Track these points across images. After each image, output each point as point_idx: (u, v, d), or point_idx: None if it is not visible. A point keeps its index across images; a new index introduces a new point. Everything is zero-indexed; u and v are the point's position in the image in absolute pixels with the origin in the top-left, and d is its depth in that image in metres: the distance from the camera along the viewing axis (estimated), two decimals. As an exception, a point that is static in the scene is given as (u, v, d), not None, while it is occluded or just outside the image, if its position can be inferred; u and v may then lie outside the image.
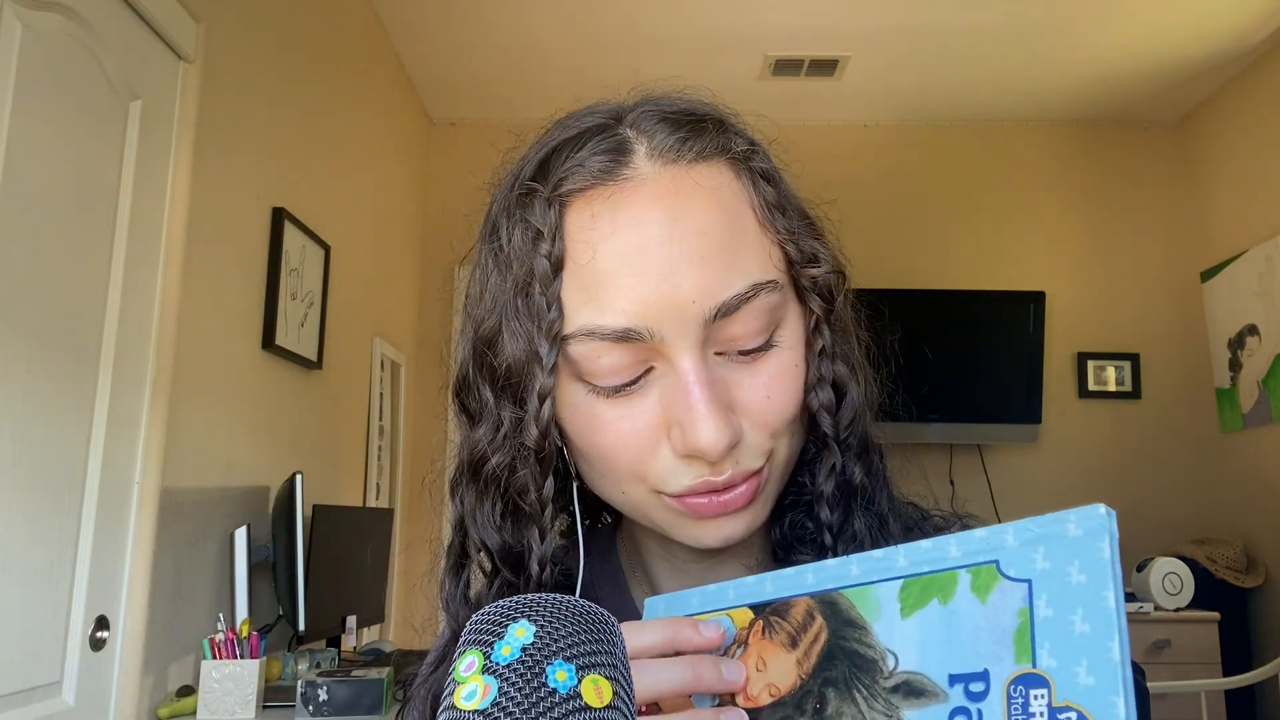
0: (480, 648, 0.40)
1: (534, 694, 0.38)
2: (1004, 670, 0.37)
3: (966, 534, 0.40)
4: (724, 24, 3.19)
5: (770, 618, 0.45)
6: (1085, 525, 0.37)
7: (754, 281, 0.48)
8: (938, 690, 0.39)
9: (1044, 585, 0.37)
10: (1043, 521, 0.37)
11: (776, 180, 0.53)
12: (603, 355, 0.48)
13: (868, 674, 0.41)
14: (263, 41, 2.26)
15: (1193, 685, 2.26)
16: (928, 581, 0.40)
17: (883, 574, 0.42)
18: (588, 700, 0.38)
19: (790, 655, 0.44)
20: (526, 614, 0.41)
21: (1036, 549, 0.37)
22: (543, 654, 0.39)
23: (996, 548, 0.38)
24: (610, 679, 0.39)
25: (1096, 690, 0.35)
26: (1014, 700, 0.36)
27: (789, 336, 0.50)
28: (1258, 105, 3.40)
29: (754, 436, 0.49)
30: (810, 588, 0.44)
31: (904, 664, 0.40)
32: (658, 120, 0.51)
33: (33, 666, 1.46)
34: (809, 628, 0.44)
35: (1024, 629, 0.37)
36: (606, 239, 0.48)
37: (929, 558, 0.40)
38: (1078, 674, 0.35)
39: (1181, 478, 3.64)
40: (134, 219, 1.70)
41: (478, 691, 0.38)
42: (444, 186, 3.90)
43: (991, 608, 0.38)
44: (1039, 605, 0.37)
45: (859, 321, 0.57)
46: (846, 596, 0.43)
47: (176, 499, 1.84)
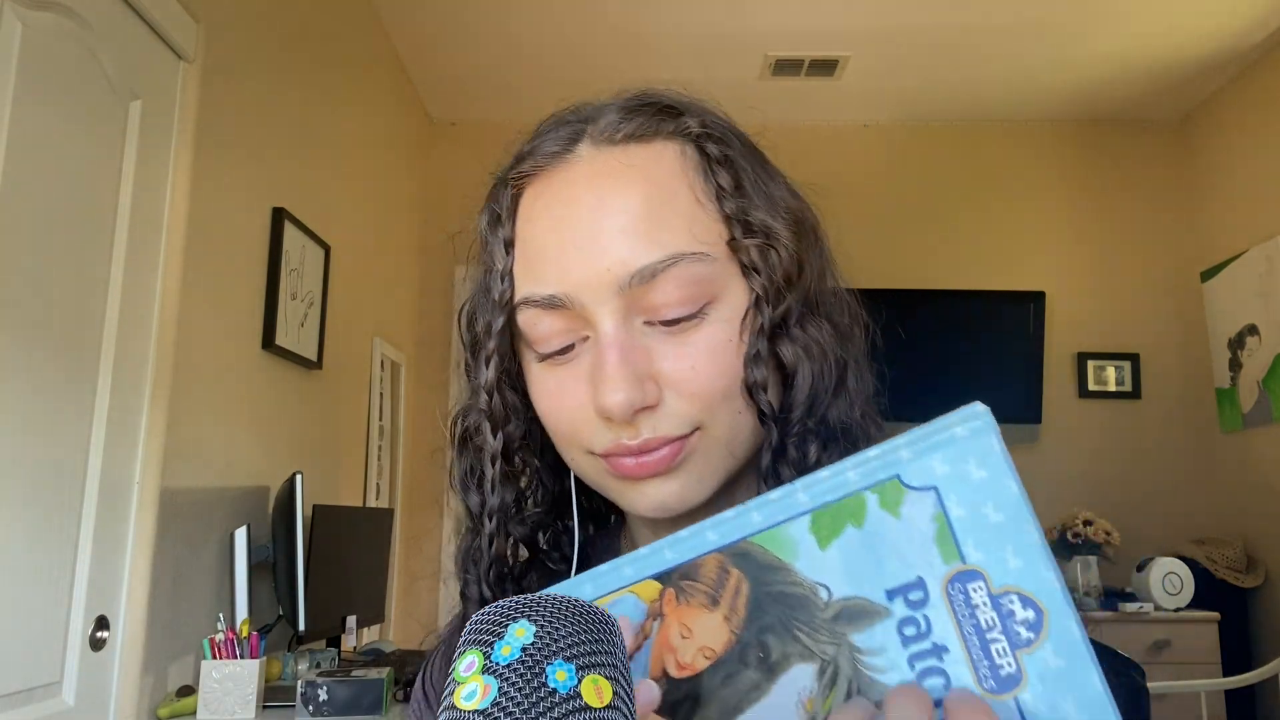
0: (480, 648, 0.40)
1: (534, 694, 0.38)
2: (937, 574, 0.38)
3: (860, 456, 0.40)
4: (724, 24, 3.19)
5: (680, 583, 0.44)
6: (970, 425, 0.38)
7: (674, 251, 0.50)
8: (879, 608, 0.39)
9: (950, 487, 0.38)
10: (929, 430, 0.39)
11: (736, 164, 0.54)
12: (538, 322, 0.52)
13: (804, 611, 0.41)
14: (263, 41, 2.26)
15: (1193, 685, 2.26)
16: (836, 510, 0.41)
17: (787, 513, 0.42)
18: (588, 700, 0.38)
19: (715, 614, 0.44)
20: (526, 614, 0.41)
21: (932, 457, 0.39)
22: (543, 654, 0.39)
23: (894, 464, 0.39)
24: (610, 679, 0.39)
25: (1027, 570, 0.37)
26: (955, 598, 0.38)
27: (725, 311, 0.51)
28: (1258, 105, 3.40)
29: (677, 405, 0.50)
30: (714, 545, 0.43)
31: (837, 593, 0.41)
32: (612, 109, 0.55)
33: (33, 666, 1.46)
34: (726, 583, 0.43)
35: (943, 532, 0.38)
36: (543, 215, 0.53)
37: (830, 487, 0.41)
38: (1006, 560, 0.37)
39: (1181, 478, 3.64)
40: (134, 219, 1.70)
41: (478, 691, 0.38)
42: (444, 186, 3.90)
43: (906, 520, 0.39)
44: (951, 506, 0.38)
45: (851, 313, 0.58)
46: (757, 544, 0.43)
47: (176, 499, 1.84)
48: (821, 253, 0.57)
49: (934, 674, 0.38)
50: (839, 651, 0.40)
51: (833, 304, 0.57)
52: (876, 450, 0.40)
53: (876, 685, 0.39)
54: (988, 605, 0.37)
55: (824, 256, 0.57)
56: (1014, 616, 0.37)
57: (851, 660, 0.40)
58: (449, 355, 3.81)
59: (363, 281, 3.04)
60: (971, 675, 0.37)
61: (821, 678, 0.41)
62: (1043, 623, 0.36)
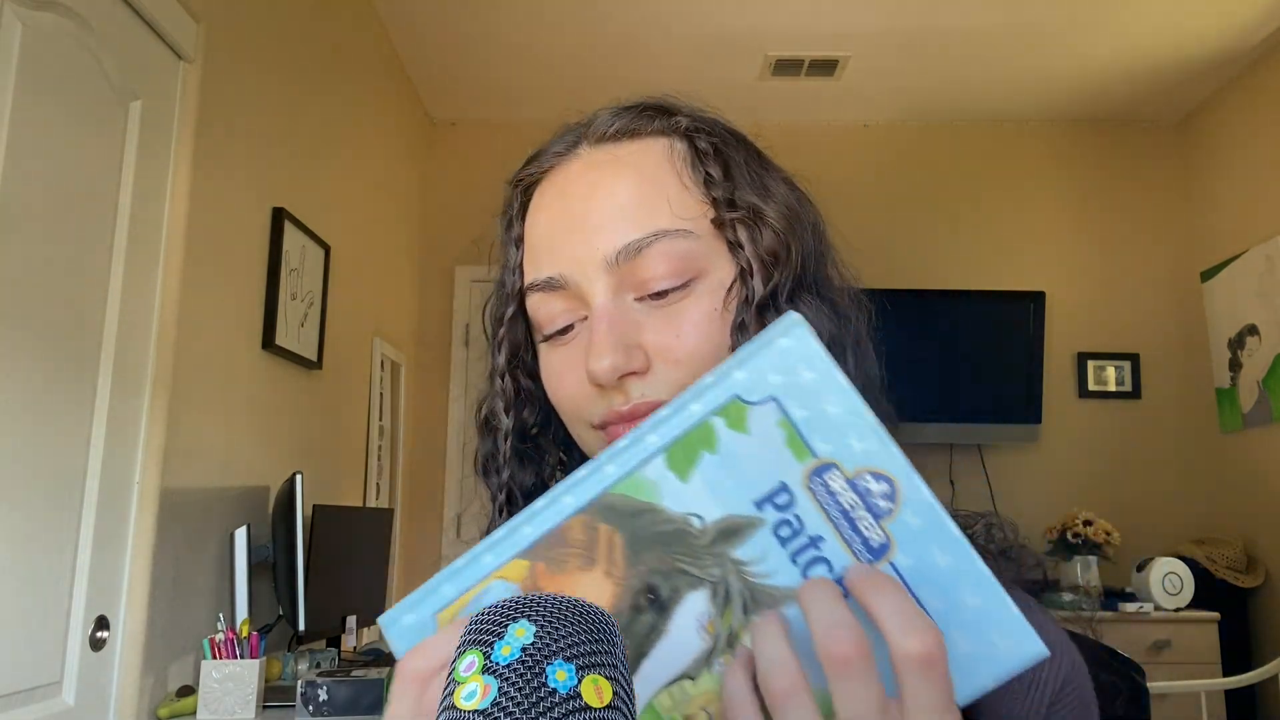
0: (480, 648, 0.40)
1: (534, 694, 0.38)
2: (795, 474, 0.41)
3: (697, 386, 0.43)
4: (724, 24, 3.19)
5: (549, 554, 0.44)
6: (790, 335, 0.42)
7: (656, 229, 0.54)
8: (751, 520, 0.42)
9: (787, 394, 0.41)
10: (754, 348, 0.42)
11: (727, 155, 0.58)
12: (541, 306, 0.57)
13: (681, 543, 0.43)
14: (263, 41, 2.26)
15: (1193, 685, 2.26)
16: (687, 441, 0.42)
17: (641, 457, 0.43)
18: (588, 700, 0.38)
19: (594, 572, 0.44)
20: (526, 614, 0.41)
21: (765, 370, 0.42)
22: (543, 654, 0.39)
23: (731, 386, 0.42)
24: (610, 679, 0.39)
25: (871, 449, 0.41)
26: (816, 491, 0.41)
27: (711, 285, 0.54)
28: (1258, 105, 3.40)
29: (665, 371, 0.53)
30: (574, 508, 0.44)
31: (710, 518, 0.42)
32: (607, 111, 0.60)
33: (33, 666, 1.46)
34: (597, 540, 0.44)
35: (791, 435, 0.41)
36: (544, 209, 0.58)
37: (676, 422, 0.43)
38: (851, 445, 0.41)
39: (1181, 478, 3.64)
40: (134, 219, 1.70)
41: (478, 691, 0.38)
42: (444, 186, 3.90)
43: (755, 434, 0.42)
44: (792, 410, 0.41)
45: (852, 298, 0.60)
46: (618, 493, 0.44)
47: (176, 499, 1.84)
48: (820, 241, 0.60)
49: (817, 563, 0.41)
50: (725, 570, 0.42)
51: (832, 290, 0.59)
52: (711, 378, 0.42)
53: (768, 590, 0.42)
54: (846, 489, 0.41)
55: (823, 245, 0.60)
56: (871, 493, 0.40)
57: (739, 575, 0.42)
58: (449, 355, 3.81)
59: (363, 281, 3.04)
60: (849, 554, 0.41)
61: (715, 599, 0.42)
62: (896, 492, 0.40)
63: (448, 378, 3.80)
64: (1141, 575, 3.24)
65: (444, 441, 3.73)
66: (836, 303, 0.58)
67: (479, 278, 3.86)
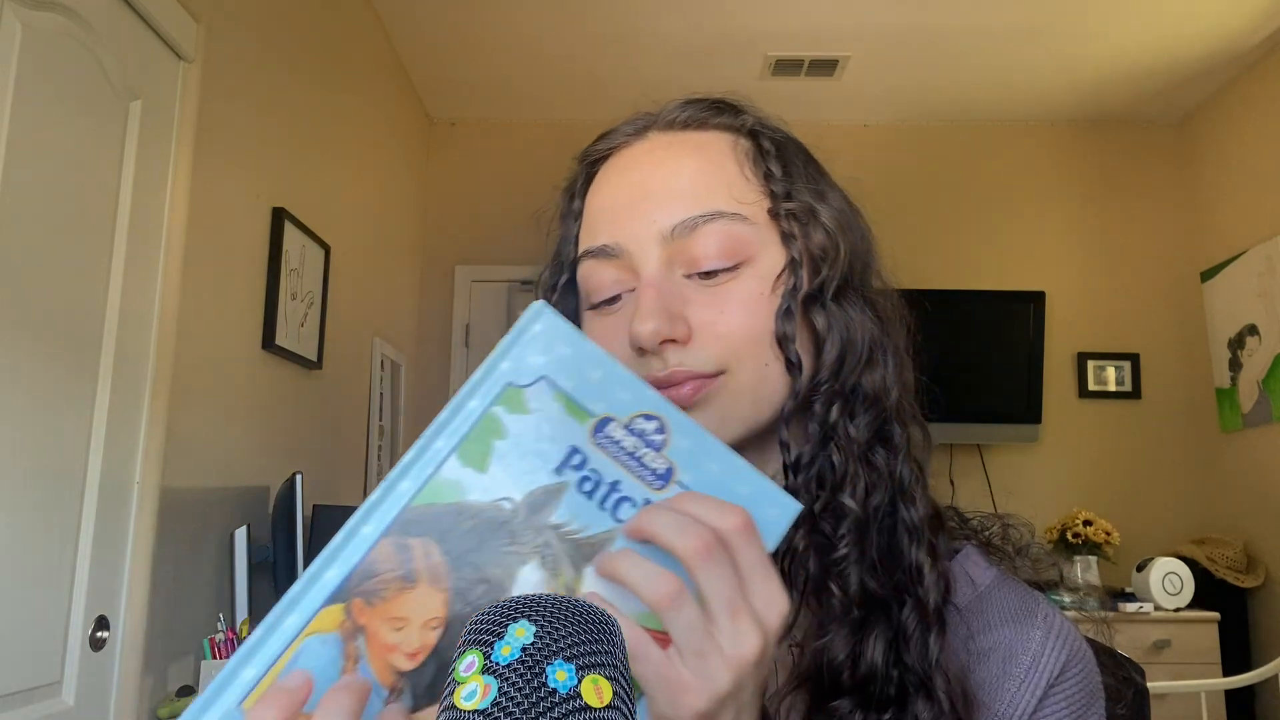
0: (480, 648, 0.40)
1: (534, 694, 0.38)
2: (580, 435, 0.46)
3: (469, 384, 0.47)
4: (724, 24, 3.19)
5: (361, 588, 0.44)
6: (540, 321, 0.47)
7: (714, 209, 0.56)
8: (556, 486, 0.46)
9: (553, 370, 0.46)
10: (511, 340, 0.47)
11: (789, 158, 0.60)
12: (593, 274, 0.58)
13: (499, 529, 0.45)
14: (263, 41, 2.26)
15: (1193, 685, 2.26)
16: (475, 436, 0.46)
17: (434, 464, 0.45)
18: (588, 700, 0.38)
19: (418, 587, 0.44)
20: (526, 614, 0.41)
21: (527, 356, 0.47)
22: (543, 654, 0.39)
23: (501, 376, 0.47)
24: (610, 679, 0.39)
25: (634, 397, 0.46)
26: (603, 444, 0.46)
27: (759, 270, 0.56)
28: (1258, 105, 3.40)
29: (705, 344, 0.55)
30: (376, 535, 0.44)
31: (518, 497, 0.46)
32: (679, 102, 0.62)
33: (33, 666, 1.46)
34: (411, 556, 0.44)
35: (568, 403, 0.46)
36: (606, 184, 0.61)
37: (460, 422, 0.46)
38: (619, 396, 0.46)
39: (1181, 478, 3.64)
40: (134, 219, 1.70)
41: (478, 691, 0.38)
42: (444, 186, 3.89)
43: (535, 411, 0.46)
44: (562, 383, 0.46)
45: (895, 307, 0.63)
46: (419, 505, 0.45)
47: (176, 499, 1.84)
48: (868, 249, 0.63)
49: (622, 503, 0.46)
50: (546, 538, 0.45)
51: (876, 297, 0.62)
52: (480, 374, 0.47)
53: (589, 541, 0.45)
54: (626, 435, 0.46)
55: (870, 253, 0.63)
56: (646, 432, 0.46)
57: (560, 537, 0.45)
58: (449, 355, 3.81)
59: (363, 281, 3.04)
60: (644, 487, 0.46)
61: (546, 565, 0.45)
62: (665, 425, 0.46)
63: (448, 378, 3.80)
64: (1141, 575, 3.24)
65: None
66: (879, 308, 0.61)
67: (479, 278, 3.87)
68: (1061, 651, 0.57)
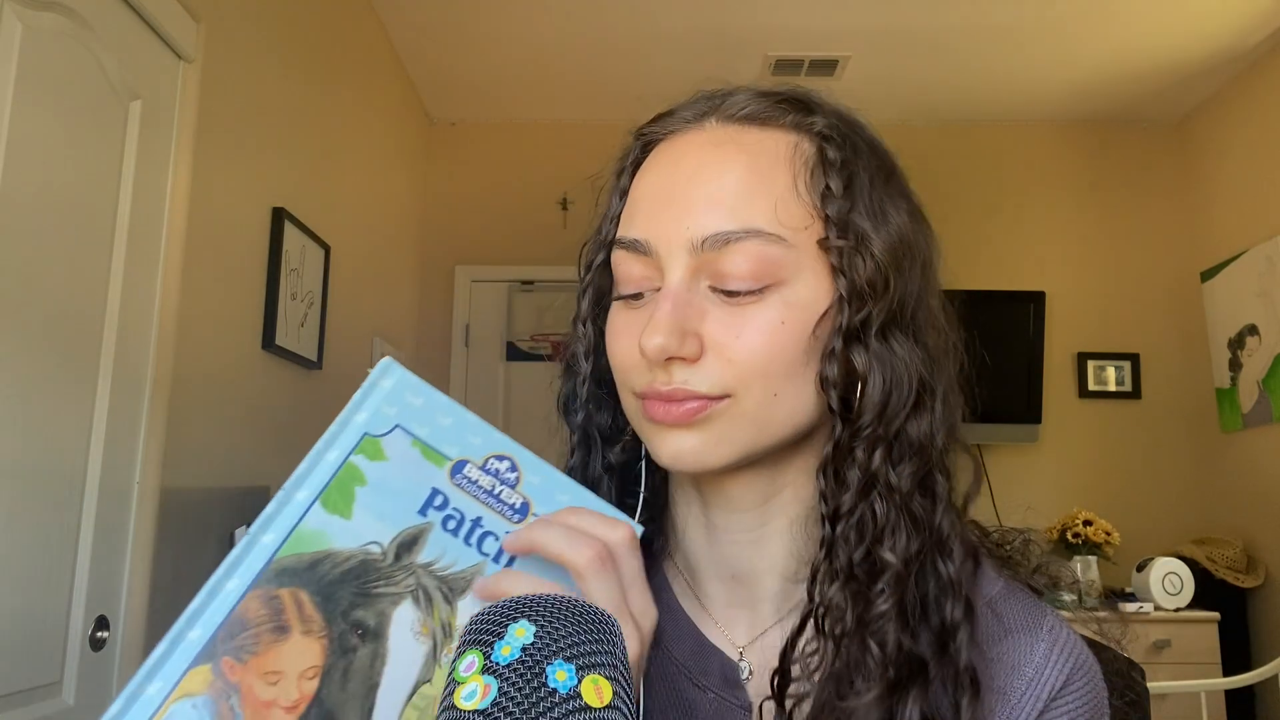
0: (480, 648, 0.40)
1: (534, 694, 0.38)
2: (440, 478, 0.49)
3: (327, 435, 0.49)
4: (724, 24, 3.19)
5: (230, 645, 0.44)
6: (389, 375, 0.50)
7: (751, 226, 0.52)
8: (421, 526, 0.48)
9: (406, 420, 0.49)
10: (363, 394, 0.50)
11: (854, 171, 0.56)
12: (622, 264, 0.57)
13: (369, 572, 0.47)
14: (263, 41, 2.26)
15: (1193, 685, 2.26)
16: (337, 485, 0.47)
17: (297, 515, 0.47)
18: (588, 700, 0.38)
19: (291, 637, 0.45)
20: (526, 614, 0.41)
21: (380, 408, 0.49)
22: (543, 654, 0.39)
23: (358, 428, 0.49)
24: (610, 679, 0.39)
25: (486, 440, 0.50)
26: (461, 484, 0.49)
27: (787, 296, 0.53)
28: (1258, 105, 3.40)
29: (713, 366, 0.53)
30: (242, 589, 0.45)
31: (386, 540, 0.47)
32: (747, 91, 0.58)
33: (33, 666, 1.46)
34: (282, 607, 0.45)
35: (425, 449, 0.49)
36: (653, 171, 0.57)
37: (321, 473, 0.48)
38: (471, 442, 0.50)
39: (1181, 478, 3.64)
40: (134, 219, 1.70)
41: (478, 691, 0.38)
42: (444, 186, 3.89)
43: (394, 459, 0.49)
44: (416, 430, 0.49)
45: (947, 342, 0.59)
46: (286, 556, 0.46)
47: (176, 499, 1.84)
48: (927, 279, 0.59)
49: (486, 538, 0.49)
50: (418, 577, 0.47)
51: (928, 329, 0.58)
52: (335, 427, 0.49)
53: (459, 576, 0.48)
54: (482, 474, 0.49)
55: (928, 284, 0.59)
56: (500, 471, 0.49)
57: (430, 575, 0.48)
58: (449, 355, 3.81)
59: (363, 281, 3.04)
60: (505, 522, 0.49)
61: (419, 604, 0.47)
62: (515, 463, 0.50)
63: (448, 378, 3.79)
64: (1141, 575, 3.24)
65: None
66: (931, 346, 0.57)
67: (479, 278, 3.87)
68: (1065, 665, 0.56)
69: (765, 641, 0.59)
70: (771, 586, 0.59)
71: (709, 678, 0.58)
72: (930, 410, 0.56)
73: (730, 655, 0.59)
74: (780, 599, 0.59)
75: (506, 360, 3.83)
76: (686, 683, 0.58)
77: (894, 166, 0.61)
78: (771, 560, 0.59)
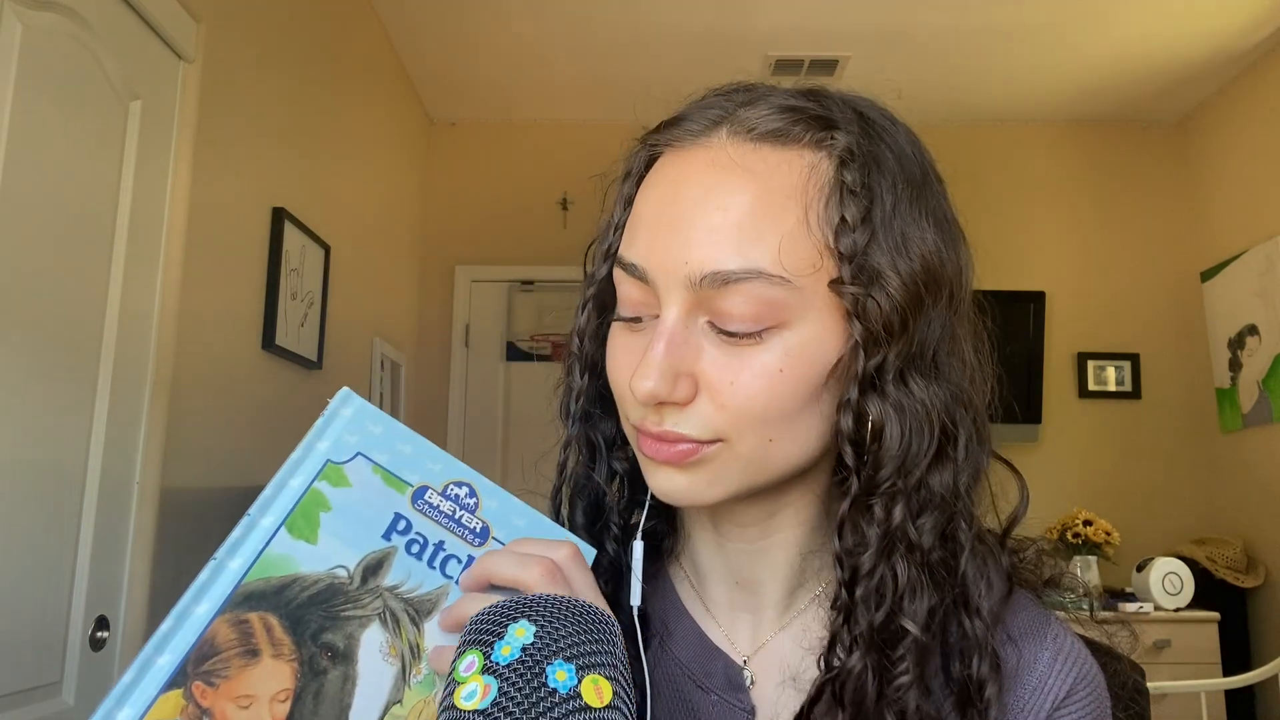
0: (480, 648, 0.40)
1: (534, 694, 0.38)
2: (402, 503, 0.50)
3: (290, 461, 0.50)
4: (724, 24, 3.19)
5: (200, 670, 0.45)
6: (348, 405, 0.52)
7: (754, 267, 0.49)
8: (385, 550, 0.49)
9: (367, 447, 0.51)
10: (324, 423, 0.51)
11: (875, 194, 0.51)
12: (621, 284, 0.54)
13: (336, 595, 0.47)
14: (263, 41, 2.26)
15: (1193, 685, 2.26)
16: (301, 511, 0.49)
17: (263, 541, 0.47)
18: (588, 700, 0.38)
19: (262, 661, 0.45)
20: (526, 614, 0.41)
21: (341, 436, 0.51)
22: (543, 654, 0.39)
23: (321, 455, 0.50)
24: (610, 679, 0.39)
25: (445, 467, 0.51)
26: (423, 509, 0.50)
27: (788, 341, 0.50)
28: (1258, 105, 3.40)
29: (705, 410, 0.50)
30: (211, 614, 0.46)
31: (352, 564, 0.48)
32: (765, 103, 0.53)
33: (33, 666, 1.46)
34: (251, 631, 0.45)
35: (386, 476, 0.50)
36: (657, 187, 0.54)
37: (286, 499, 0.49)
38: (430, 468, 0.51)
39: (1181, 478, 3.64)
40: (134, 219, 1.70)
41: (478, 691, 0.38)
42: (444, 186, 3.89)
43: (357, 485, 0.50)
44: (377, 458, 0.51)
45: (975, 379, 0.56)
46: (253, 581, 0.46)
47: (176, 499, 1.84)
48: (954, 304, 0.55)
49: (449, 560, 0.50)
50: (384, 600, 0.48)
51: (952, 364, 0.54)
52: (299, 453, 0.50)
53: (424, 598, 0.49)
54: (443, 499, 0.50)
55: (956, 307, 0.55)
56: (460, 497, 0.51)
57: (396, 597, 0.49)
58: (449, 355, 3.81)
59: (363, 281, 3.04)
60: (467, 546, 0.50)
61: (387, 626, 0.48)
62: (474, 489, 0.51)
63: (448, 378, 3.79)
64: (1141, 575, 3.24)
65: (444, 441, 3.73)
66: (956, 382, 0.54)
67: (479, 278, 3.86)
68: (1069, 674, 0.56)
69: (769, 649, 0.59)
70: (774, 593, 0.59)
71: (712, 680, 0.58)
72: (953, 457, 0.53)
73: (734, 658, 0.59)
74: (782, 605, 0.59)
75: (506, 360, 3.83)
76: (690, 684, 0.58)
77: (925, 175, 0.57)
78: (775, 568, 0.58)
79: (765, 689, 0.57)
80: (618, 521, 0.60)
